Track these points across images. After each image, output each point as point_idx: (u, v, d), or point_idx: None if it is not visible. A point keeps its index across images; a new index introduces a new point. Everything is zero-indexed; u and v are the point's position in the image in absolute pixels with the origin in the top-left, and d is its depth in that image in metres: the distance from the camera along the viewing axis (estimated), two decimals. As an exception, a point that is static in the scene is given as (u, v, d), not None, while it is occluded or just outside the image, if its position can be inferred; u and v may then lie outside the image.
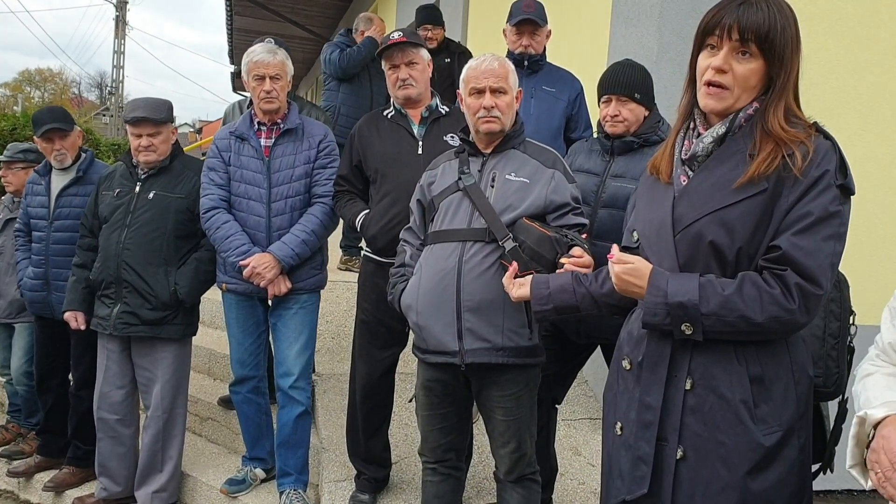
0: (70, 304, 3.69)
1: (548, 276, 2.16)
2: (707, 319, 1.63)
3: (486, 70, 2.59)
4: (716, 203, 1.68)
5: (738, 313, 1.61)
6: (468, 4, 7.60)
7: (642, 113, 2.88)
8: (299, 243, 3.37)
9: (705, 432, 1.70)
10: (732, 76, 1.68)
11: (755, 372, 1.69)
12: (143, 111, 3.53)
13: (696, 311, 1.63)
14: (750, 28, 1.64)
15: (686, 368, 1.73)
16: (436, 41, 5.28)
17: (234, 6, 14.18)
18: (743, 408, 1.67)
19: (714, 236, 1.67)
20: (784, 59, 1.66)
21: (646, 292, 1.71)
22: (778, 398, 1.69)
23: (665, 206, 1.80)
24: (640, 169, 2.79)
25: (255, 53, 3.43)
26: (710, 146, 1.76)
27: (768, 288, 1.60)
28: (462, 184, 2.59)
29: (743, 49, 1.66)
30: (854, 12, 4.24)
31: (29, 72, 59.37)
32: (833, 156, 1.63)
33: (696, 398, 1.72)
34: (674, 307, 1.65)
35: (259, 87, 3.38)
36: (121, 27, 29.66)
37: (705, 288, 1.63)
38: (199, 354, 5.12)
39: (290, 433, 3.53)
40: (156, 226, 3.50)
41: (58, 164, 4.07)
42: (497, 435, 2.68)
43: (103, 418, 3.71)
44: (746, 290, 1.61)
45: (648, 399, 1.78)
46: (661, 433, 1.76)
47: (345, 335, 4.97)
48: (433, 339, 2.56)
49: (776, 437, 1.67)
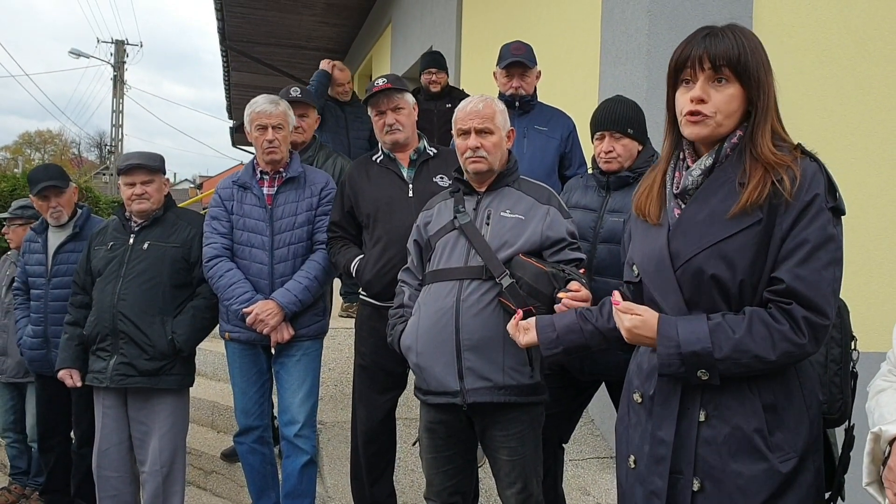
0: (63, 362, 3.66)
1: (552, 317, 2.12)
2: (722, 364, 1.63)
3: (470, 111, 2.64)
4: (713, 237, 1.69)
5: (751, 354, 1.61)
6: (460, 49, 7.74)
7: (636, 148, 2.90)
8: (302, 290, 3.38)
9: (721, 463, 1.70)
10: (712, 104, 1.70)
11: (768, 400, 1.69)
12: (137, 159, 3.58)
13: (711, 358, 1.63)
14: (720, 55, 1.67)
15: (699, 401, 1.73)
16: (440, 84, 5.43)
17: (231, 62, 14.41)
18: (758, 437, 1.67)
19: (715, 270, 1.68)
20: (760, 80, 1.69)
21: (658, 343, 1.70)
22: (791, 424, 1.69)
23: (660, 241, 1.80)
24: None
25: (257, 104, 3.48)
26: (699, 178, 1.77)
27: (777, 325, 1.60)
28: (458, 222, 2.61)
29: (718, 76, 1.69)
30: (839, 43, 4.31)
31: (29, 134, 60.15)
32: (821, 178, 1.64)
33: (711, 429, 1.71)
34: (688, 357, 1.65)
35: (262, 137, 3.43)
36: (119, 87, 30.08)
37: (716, 334, 1.64)
38: (202, 407, 5.08)
39: (296, 483, 3.49)
40: (151, 275, 3.49)
41: (54, 221, 4.09)
42: (503, 476, 2.64)
43: (104, 476, 3.65)
44: (756, 329, 1.61)
45: (660, 433, 1.78)
46: (676, 466, 1.75)
47: (347, 382, 4.94)
48: (434, 380, 2.54)
49: (792, 464, 1.67)
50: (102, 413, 3.59)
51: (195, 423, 4.64)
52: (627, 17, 4.32)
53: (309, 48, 13.54)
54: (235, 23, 12.01)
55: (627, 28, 4.32)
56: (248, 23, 12.04)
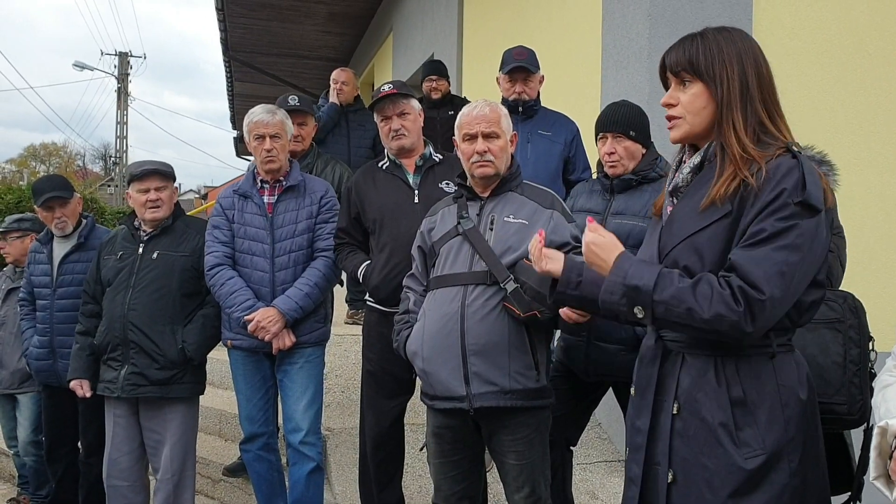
0: (74, 371, 3.68)
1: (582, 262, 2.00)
2: (658, 306, 1.67)
3: (477, 116, 2.65)
4: (688, 229, 1.74)
5: (687, 305, 1.64)
6: (462, 56, 7.76)
7: (638, 150, 2.91)
8: (303, 297, 3.40)
9: (691, 456, 1.73)
10: (680, 106, 1.79)
11: (736, 394, 1.69)
12: (152, 165, 3.60)
13: (649, 297, 1.68)
14: (675, 63, 1.79)
15: (673, 393, 1.77)
16: (440, 92, 5.43)
17: (234, 73, 14.47)
18: (722, 431, 1.69)
19: (686, 261, 1.72)
20: (714, 74, 1.74)
21: (609, 271, 1.77)
22: (762, 421, 1.68)
23: (655, 237, 1.86)
24: (640, 205, 2.83)
25: (254, 115, 3.52)
26: (688, 176, 1.82)
27: (720, 288, 1.63)
28: (461, 228, 2.62)
29: (682, 80, 1.78)
30: (839, 43, 4.32)
31: (34, 147, 60.37)
32: (795, 174, 1.64)
33: (682, 422, 1.76)
34: (630, 289, 1.71)
35: (260, 147, 3.46)
36: (123, 98, 30.17)
37: (663, 277, 1.68)
38: (209, 416, 5.09)
39: (303, 490, 3.49)
40: (161, 285, 3.51)
41: (59, 231, 4.10)
42: (510, 480, 2.65)
43: (114, 485, 3.66)
44: (701, 287, 1.64)
45: (638, 423, 1.85)
46: (653, 457, 1.80)
47: (354, 389, 4.94)
48: (440, 385, 2.55)
49: (759, 461, 1.66)
50: (114, 422, 3.60)
51: (202, 432, 4.64)
52: (628, 21, 4.33)
53: (311, 58, 13.57)
54: (238, 33, 12.05)
55: (628, 32, 4.33)
56: (250, 33, 12.08)
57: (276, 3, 10.68)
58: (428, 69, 5.57)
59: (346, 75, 5.57)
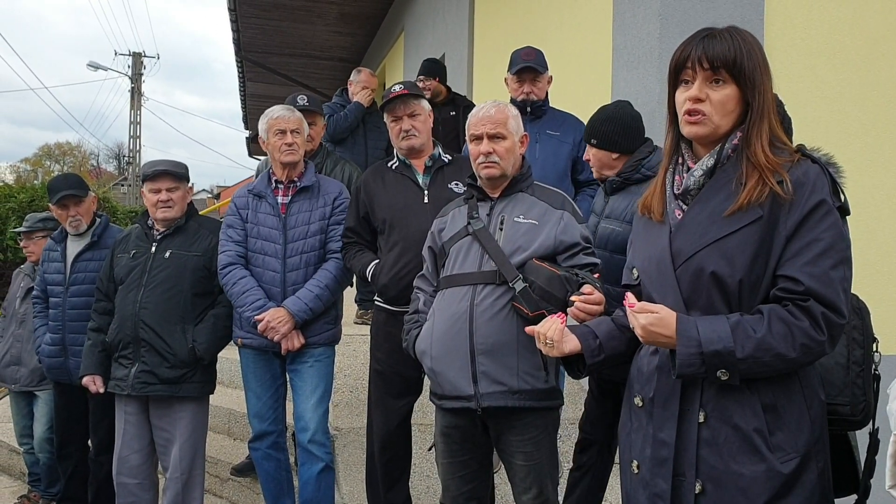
0: (87, 368, 3.70)
1: (589, 326, 2.02)
2: (743, 364, 1.62)
3: (483, 117, 2.65)
4: (714, 234, 1.70)
5: (773, 352, 1.60)
6: (473, 56, 7.75)
7: (606, 156, 2.96)
8: (313, 298, 3.40)
9: (721, 464, 1.69)
10: (710, 103, 1.73)
11: (767, 400, 1.68)
12: (163, 166, 3.63)
13: (733, 357, 1.61)
14: (718, 56, 1.71)
15: (698, 401, 1.73)
16: (430, 91, 5.36)
17: (246, 73, 14.52)
18: (758, 437, 1.66)
19: (715, 267, 1.69)
20: (755, 81, 1.71)
21: (677, 343, 1.67)
22: (792, 424, 1.68)
23: (662, 242, 1.81)
24: (622, 208, 2.86)
25: (275, 112, 3.58)
26: (701, 179, 1.79)
27: (796, 322, 1.60)
28: (471, 228, 2.62)
29: (715, 77, 1.73)
30: (852, 44, 4.28)
31: (48, 146, 60.79)
32: (825, 179, 1.66)
33: (711, 431, 1.71)
34: (709, 356, 1.63)
35: (280, 141, 3.50)
36: (136, 98, 30.29)
37: (738, 332, 1.62)
38: (218, 415, 5.10)
39: (313, 490, 3.49)
40: (173, 284, 3.53)
41: (73, 229, 4.13)
42: (518, 481, 2.64)
43: (123, 483, 3.68)
44: (776, 327, 1.60)
45: (662, 435, 1.78)
46: (678, 468, 1.75)
47: (362, 389, 4.94)
48: (448, 384, 2.55)
49: (794, 464, 1.66)
50: (124, 420, 3.63)
51: (211, 431, 4.65)
52: (639, 21, 4.32)
53: (323, 58, 13.61)
54: (250, 34, 12.09)
55: (639, 32, 4.31)
56: (262, 33, 12.12)
57: (287, 4, 10.71)
58: (420, 69, 5.57)
59: (374, 80, 5.58)
